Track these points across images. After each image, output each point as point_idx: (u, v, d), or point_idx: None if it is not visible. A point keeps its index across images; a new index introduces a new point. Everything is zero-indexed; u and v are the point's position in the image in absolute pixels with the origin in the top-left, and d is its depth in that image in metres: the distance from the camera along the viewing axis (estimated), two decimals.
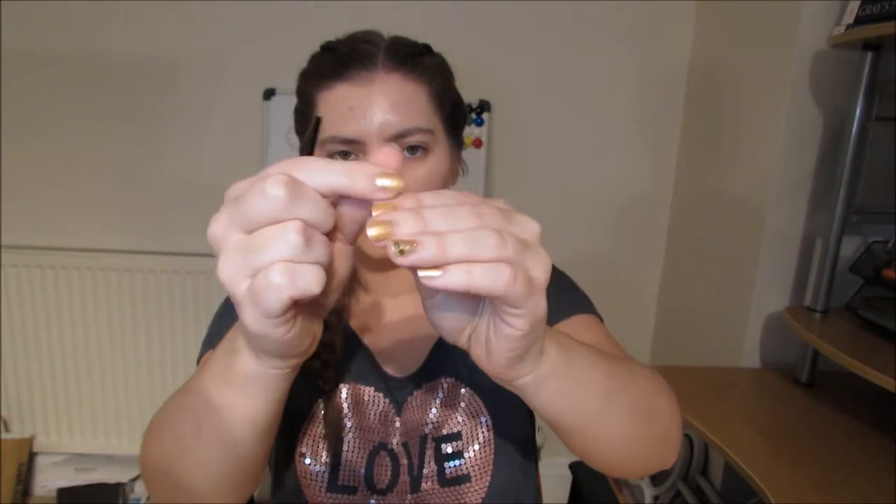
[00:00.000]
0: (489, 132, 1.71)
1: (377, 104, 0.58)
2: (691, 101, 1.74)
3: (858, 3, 1.14)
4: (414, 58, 0.62)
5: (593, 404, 0.45)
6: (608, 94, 1.74)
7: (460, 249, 0.31)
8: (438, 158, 0.62)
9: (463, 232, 0.31)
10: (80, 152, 1.71)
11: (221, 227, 0.32)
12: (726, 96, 1.55)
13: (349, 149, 0.60)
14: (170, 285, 1.72)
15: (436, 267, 0.31)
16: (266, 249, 0.30)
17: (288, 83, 1.66)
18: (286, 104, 1.67)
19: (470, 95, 0.70)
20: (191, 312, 1.74)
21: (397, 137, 0.59)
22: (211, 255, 1.85)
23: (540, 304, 0.34)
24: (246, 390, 0.41)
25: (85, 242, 1.76)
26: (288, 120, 2.02)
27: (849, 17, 1.15)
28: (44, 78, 1.66)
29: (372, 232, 0.31)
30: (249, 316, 0.33)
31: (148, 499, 1.87)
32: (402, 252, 0.30)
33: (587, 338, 0.57)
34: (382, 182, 0.32)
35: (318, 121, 0.57)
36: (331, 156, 0.60)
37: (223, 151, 1.73)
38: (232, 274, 0.32)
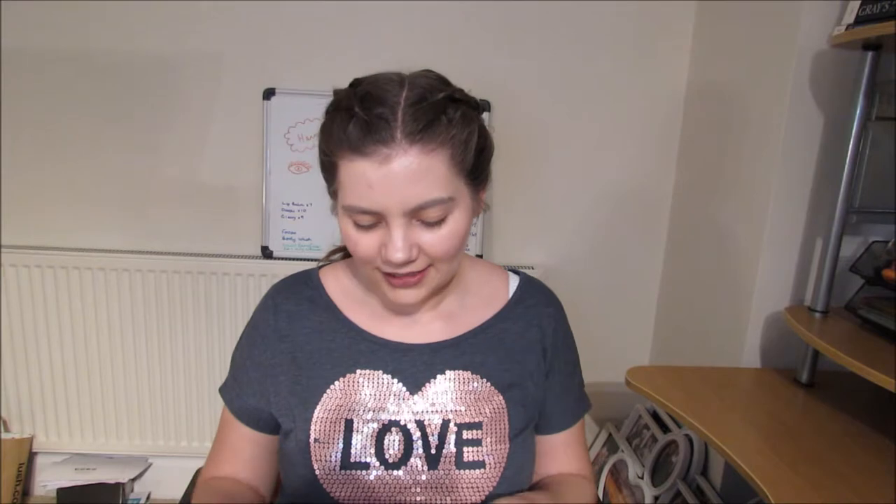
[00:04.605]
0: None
1: (396, 180, 0.59)
2: (692, 100, 1.74)
3: (858, 3, 1.14)
4: (432, 125, 0.60)
5: None
6: (608, 94, 1.74)
7: None
8: (457, 219, 0.65)
9: None
10: (80, 152, 1.71)
11: None
12: (727, 95, 1.55)
13: (370, 216, 0.63)
14: (170, 285, 1.72)
15: None
16: None
17: (288, 83, 1.67)
18: (286, 104, 1.68)
19: None
20: (191, 312, 1.74)
21: (416, 210, 0.61)
22: (210, 255, 1.85)
23: None
24: None
25: (85, 242, 1.76)
26: (288, 119, 2.01)
27: (849, 17, 1.15)
28: (44, 78, 1.66)
29: None
30: None
31: (148, 498, 1.88)
32: None
33: (568, 455, 0.80)
34: None
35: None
36: (354, 220, 0.64)
37: (223, 151, 1.73)
38: None
